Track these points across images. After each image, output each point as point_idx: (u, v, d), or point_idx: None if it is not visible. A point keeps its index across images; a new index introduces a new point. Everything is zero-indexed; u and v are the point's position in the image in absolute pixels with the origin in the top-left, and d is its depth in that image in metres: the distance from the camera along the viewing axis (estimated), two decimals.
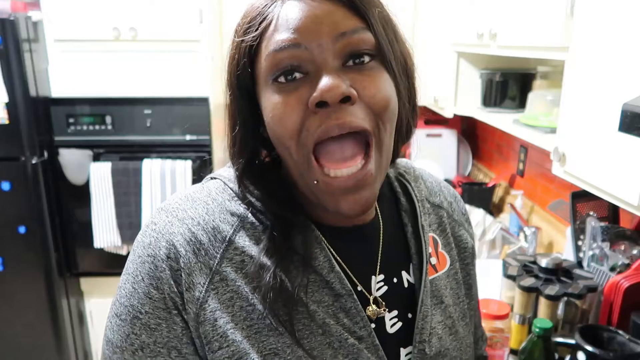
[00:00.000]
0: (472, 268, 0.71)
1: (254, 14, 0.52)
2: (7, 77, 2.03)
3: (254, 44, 0.51)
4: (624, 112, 0.74)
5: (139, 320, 0.53)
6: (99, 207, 2.28)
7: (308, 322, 0.53)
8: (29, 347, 2.35)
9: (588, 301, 1.25)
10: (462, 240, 0.70)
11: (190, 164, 2.27)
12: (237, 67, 0.53)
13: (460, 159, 2.61)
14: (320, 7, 0.49)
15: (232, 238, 0.54)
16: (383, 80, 0.51)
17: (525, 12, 1.29)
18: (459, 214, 0.72)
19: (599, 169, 0.96)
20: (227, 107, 0.56)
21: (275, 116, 0.50)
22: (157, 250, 0.53)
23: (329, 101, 0.47)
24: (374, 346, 0.55)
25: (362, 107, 0.49)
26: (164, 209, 0.57)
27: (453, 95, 1.93)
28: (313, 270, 0.55)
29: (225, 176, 0.60)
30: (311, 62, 0.49)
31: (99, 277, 2.47)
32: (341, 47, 0.49)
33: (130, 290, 0.54)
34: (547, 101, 1.42)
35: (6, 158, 2.13)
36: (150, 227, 0.56)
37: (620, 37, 0.89)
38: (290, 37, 0.49)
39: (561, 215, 1.69)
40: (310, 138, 0.49)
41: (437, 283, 0.63)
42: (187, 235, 0.53)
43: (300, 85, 0.50)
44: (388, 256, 0.61)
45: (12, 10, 2.08)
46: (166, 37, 2.18)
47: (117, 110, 2.26)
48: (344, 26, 0.49)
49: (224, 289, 0.52)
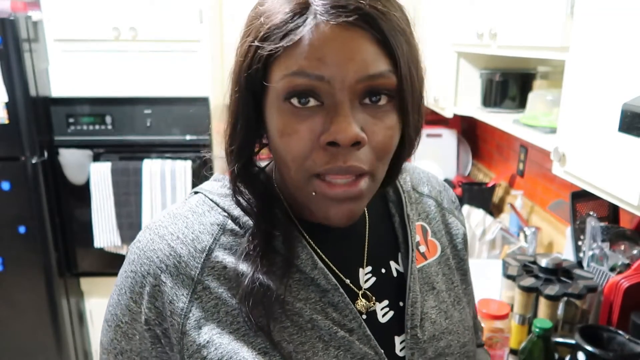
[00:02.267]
0: (465, 254, 0.72)
1: (277, 22, 0.48)
2: (7, 77, 2.04)
3: (271, 54, 0.49)
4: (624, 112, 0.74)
5: (120, 329, 0.58)
6: (99, 207, 2.28)
7: (296, 319, 0.55)
8: (29, 347, 2.35)
9: (588, 301, 1.25)
10: (453, 227, 0.71)
11: (190, 164, 2.27)
12: (249, 69, 0.51)
13: (460, 159, 2.61)
14: (353, 41, 0.47)
15: (212, 247, 0.56)
16: (392, 125, 0.51)
17: (525, 12, 1.29)
18: (449, 202, 0.73)
19: (599, 169, 0.96)
20: (230, 105, 0.55)
21: (284, 138, 0.50)
22: (138, 267, 0.57)
23: (341, 144, 0.48)
24: (365, 337, 0.57)
25: (366, 150, 0.50)
26: (148, 227, 0.59)
27: (453, 95, 1.93)
28: (297, 269, 0.56)
29: (207, 189, 0.62)
30: (330, 96, 0.48)
31: (99, 277, 2.47)
32: (363, 87, 0.48)
33: (116, 300, 0.59)
34: (547, 101, 1.42)
35: (6, 158, 2.13)
36: (135, 245, 0.59)
37: (620, 38, 0.89)
38: (316, 65, 0.47)
39: (561, 215, 1.69)
40: (314, 168, 0.50)
41: (428, 270, 0.64)
42: (167, 250, 0.56)
43: (314, 114, 0.49)
44: (375, 248, 0.63)
45: (12, 10, 2.08)
46: (166, 37, 2.18)
47: (117, 110, 2.26)
48: (373, 68, 0.48)
49: (208, 297, 0.54)
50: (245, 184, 0.59)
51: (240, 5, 2.43)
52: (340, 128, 0.47)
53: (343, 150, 0.48)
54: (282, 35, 0.48)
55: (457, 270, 0.70)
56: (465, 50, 1.81)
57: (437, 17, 2.07)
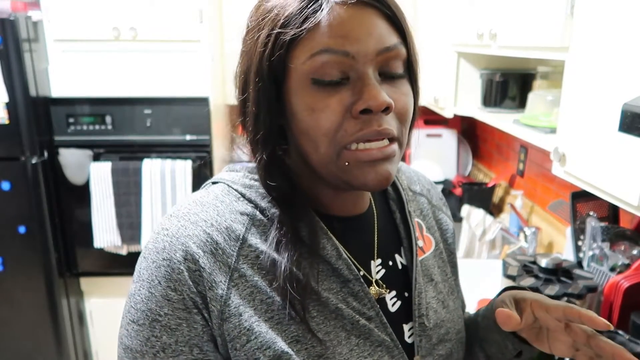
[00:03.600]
0: (454, 248, 0.77)
1: (292, 10, 0.52)
2: (7, 77, 2.04)
3: (294, 38, 0.52)
4: (624, 112, 0.74)
5: (159, 323, 0.54)
6: (99, 207, 2.28)
7: (322, 309, 0.57)
8: (29, 347, 2.35)
9: (588, 301, 1.25)
10: (443, 223, 0.76)
11: (190, 164, 2.27)
12: (271, 57, 0.53)
13: (460, 159, 2.61)
14: (369, 19, 0.52)
15: (245, 236, 0.57)
16: (408, 93, 0.56)
17: (525, 12, 1.29)
18: (437, 199, 0.78)
19: (599, 169, 0.96)
20: (252, 96, 0.56)
21: (315, 115, 0.53)
22: (172, 254, 0.54)
23: (374, 110, 0.52)
24: (382, 324, 0.60)
25: (392, 117, 0.54)
26: (174, 215, 0.58)
27: (453, 95, 1.93)
28: (322, 259, 0.58)
29: (228, 179, 0.62)
30: (355, 70, 0.52)
31: (99, 277, 2.46)
32: (381, 59, 0.53)
33: (146, 294, 0.55)
34: (547, 101, 1.42)
35: (6, 158, 2.13)
36: (162, 233, 0.57)
37: (621, 38, 0.89)
38: (340, 42, 0.51)
39: (561, 215, 1.69)
40: (347, 138, 0.53)
41: (426, 263, 0.69)
42: (203, 236, 0.55)
43: (341, 88, 0.53)
44: (383, 242, 0.66)
45: (12, 10, 2.08)
46: (166, 37, 2.18)
47: (117, 110, 2.26)
48: (388, 40, 0.53)
49: (244, 285, 0.55)
50: (271, 174, 0.59)
51: (240, 5, 2.43)
52: (371, 95, 0.51)
53: (375, 116, 0.52)
54: (303, 20, 0.52)
55: (449, 263, 0.74)
56: (466, 50, 1.81)
57: (437, 17, 2.07)
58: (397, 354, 0.60)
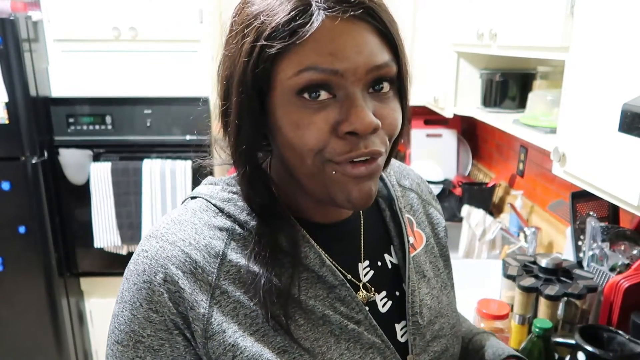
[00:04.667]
0: (446, 241, 0.76)
1: (286, 17, 0.49)
2: (7, 77, 2.04)
3: (280, 52, 0.49)
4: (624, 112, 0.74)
5: (142, 344, 0.54)
6: (99, 207, 2.28)
7: (308, 317, 0.57)
8: (29, 347, 2.35)
9: (588, 301, 1.25)
10: (433, 217, 0.76)
11: (190, 164, 2.27)
12: (256, 68, 0.51)
13: (460, 159, 2.61)
14: (360, 35, 0.50)
15: (225, 252, 0.56)
16: (397, 108, 0.55)
17: (525, 12, 1.29)
18: (427, 193, 0.78)
19: (599, 169, 0.96)
20: (234, 107, 0.54)
21: (300, 131, 0.51)
22: (152, 276, 0.54)
23: (361, 133, 0.50)
24: (372, 327, 0.60)
25: (381, 134, 0.53)
26: (153, 236, 0.58)
27: (453, 95, 1.93)
28: (305, 268, 0.58)
29: (206, 193, 0.61)
30: (343, 89, 0.51)
31: (99, 277, 2.47)
32: (371, 77, 0.52)
33: (129, 316, 0.55)
34: (547, 101, 1.42)
35: (6, 158, 2.13)
36: (142, 255, 0.57)
37: (621, 37, 0.88)
38: (330, 61, 0.49)
39: (561, 215, 1.69)
40: (335, 157, 0.52)
41: (418, 259, 0.68)
42: (182, 257, 0.55)
43: (327, 106, 0.51)
44: (370, 243, 0.66)
45: (12, 10, 2.08)
46: (166, 37, 2.18)
47: (117, 110, 2.26)
48: (379, 58, 0.51)
49: (226, 301, 0.55)
50: (254, 187, 0.58)
51: None
52: (358, 118, 0.50)
53: (363, 137, 0.51)
54: (290, 33, 0.49)
55: (441, 257, 0.74)
56: (465, 50, 1.81)
57: (437, 17, 2.07)
58: (389, 355, 0.60)
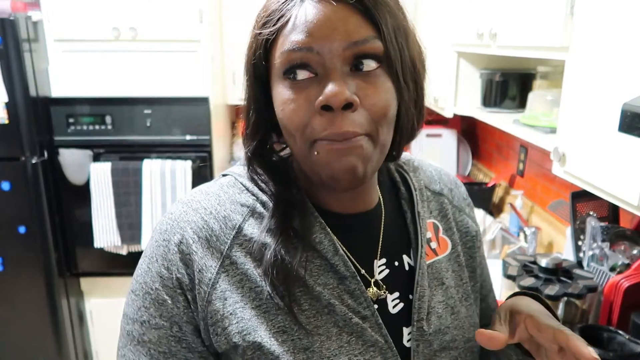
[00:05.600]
0: (476, 252, 0.73)
1: (274, 8, 0.55)
2: (7, 77, 2.04)
3: (270, 38, 0.54)
4: (624, 112, 0.74)
5: (150, 296, 0.59)
6: (99, 207, 2.28)
7: (314, 303, 0.57)
8: (29, 347, 2.35)
9: (588, 301, 1.25)
10: (464, 225, 0.73)
11: (190, 164, 2.27)
12: (254, 56, 0.57)
13: (460, 159, 2.61)
14: (336, 13, 0.52)
15: (241, 225, 0.59)
16: (385, 89, 0.54)
17: (525, 12, 1.29)
18: (460, 199, 0.76)
19: (599, 169, 0.96)
20: (245, 94, 0.60)
21: (285, 110, 0.54)
22: (171, 236, 0.59)
23: (333, 106, 0.51)
24: (377, 325, 0.59)
25: (362, 113, 0.53)
26: (181, 201, 0.63)
27: (453, 95, 1.93)
28: (319, 254, 0.59)
29: (236, 172, 0.65)
30: (321, 65, 0.52)
31: (99, 277, 2.47)
32: (350, 53, 0.52)
33: (145, 269, 0.60)
34: (547, 101, 1.42)
35: (6, 158, 2.13)
36: (167, 217, 0.62)
37: (621, 37, 0.89)
38: (304, 39, 0.52)
39: (561, 215, 1.69)
40: (314, 134, 0.53)
41: (438, 266, 0.67)
42: (200, 223, 0.59)
43: (309, 85, 0.53)
44: (389, 241, 0.65)
45: (12, 10, 2.08)
46: (166, 37, 2.18)
47: (117, 110, 2.26)
48: (357, 35, 0.52)
49: (234, 272, 0.58)
50: (261, 166, 0.63)
51: (240, 5, 2.43)
52: (330, 91, 0.51)
53: (338, 114, 0.51)
54: (277, 19, 0.54)
55: (467, 267, 0.71)
56: (465, 50, 1.81)
57: (437, 17, 2.07)
58: (391, 356, 0.59)
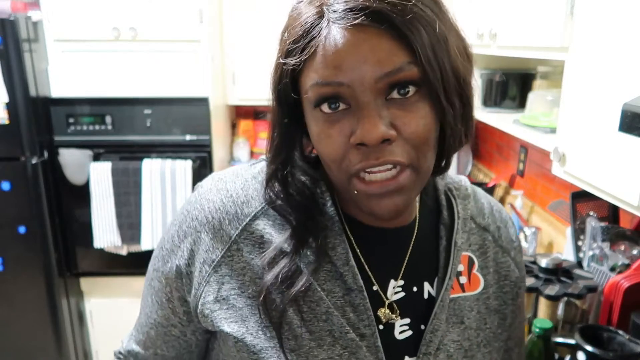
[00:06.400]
0: (510, 298, 0.67)
1: (299, 32, 0.50)
2: (7, 77, 2.03)
3: (296, 68, 0.51)
4: (624, 112, 0.74)
5: (162, 251, 0.65)
6: (99, 207, 2.28)
7: (314, 307, 0.56)
8: (29, 347, 2.35)
9: (588, 301, 1.25)
10: (505, 268, 0.68)
11: (190, 164, 2.27)
12: (279, 83, 0.54)
13: (460, 159, 2.61)
14: (366, 41, 0.47)
15: (257, 214, 0.59)
16: (425, 114, 0.51)
17: (525, 12, 1.29)
18: (507, 240, 0.69)
19: (599, 169, 0.96)
20: (270, 113, 0.58)
21: (320, 143, 0.53)
22: (191, 210, 0.62)
23: (369, 145, 0.49)
24: (375, 347, 0.56)
25: (401, 143, 0.50)
26: (213, 177, 0.64)
27: None
28: (329, 260, 0.58)
29: None
30: (353, 99, 0.49)
31: (99, 277, 2.46)
32: (383, 85, 0.49)
33: (169, 228, 0.66)
34: (547, 101, 1.42)
35: (6, 158, 2.13)
36: (198, 189, 0.64)
37: (621, 37, 0.88)
38: (335, 74, 0.49)
39: (561, 215, 1.69)
40: (350, 167, 0.52)
41: (462, 303, 0.62)
42: (218, 204, 0.60)
43: (343, 117, 0.51)
44: (414, 264, 0.62)
45: (12, 10, 2.08)
46: (166, 37, 2.18)
47: (117, 110, 2.26)
48: (389, 64, 0.48)
49: (239, 259, 0.58)
50: (281, 185, 0.60)
51: (240, 5, 2.43)
52: (365, 129, 0.48)
53: (374, 148, 0.49)
54: (302, 49, 0.50)
55: (497, 313, 0.66)
56: None
57: None
58: None
